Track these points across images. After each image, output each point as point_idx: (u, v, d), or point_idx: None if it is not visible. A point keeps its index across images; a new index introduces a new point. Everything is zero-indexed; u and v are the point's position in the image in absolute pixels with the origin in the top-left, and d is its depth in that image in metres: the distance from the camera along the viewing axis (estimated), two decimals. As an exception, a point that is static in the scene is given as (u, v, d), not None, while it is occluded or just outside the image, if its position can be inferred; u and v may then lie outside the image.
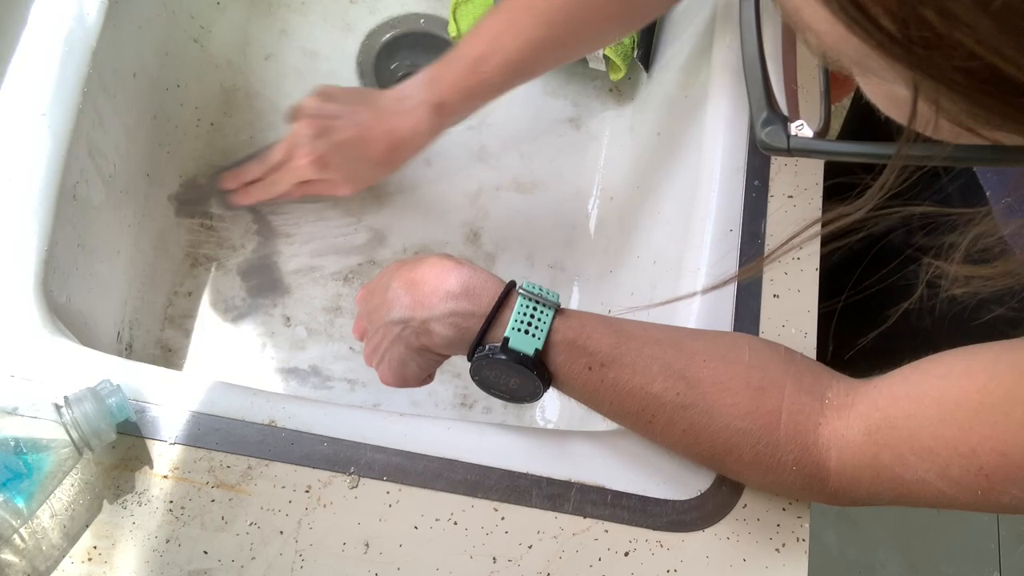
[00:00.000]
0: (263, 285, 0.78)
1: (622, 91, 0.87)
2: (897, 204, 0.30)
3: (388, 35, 0.87)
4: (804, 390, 0.46)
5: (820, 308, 0.57)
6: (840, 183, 0.32)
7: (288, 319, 0.77)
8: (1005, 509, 0.40)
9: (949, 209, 0.34)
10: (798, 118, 0.32)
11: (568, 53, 0.68)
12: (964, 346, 0.42)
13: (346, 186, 0.72)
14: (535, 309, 0.48)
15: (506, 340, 0.48)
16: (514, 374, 0.49)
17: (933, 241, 0.35)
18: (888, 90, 0.26)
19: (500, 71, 0.65)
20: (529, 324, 0.48)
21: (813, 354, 0.56)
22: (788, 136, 0.32)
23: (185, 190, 0.78)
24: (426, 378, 0.57)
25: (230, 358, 0.75)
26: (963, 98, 0.23)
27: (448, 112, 0.68)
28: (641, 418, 0.49)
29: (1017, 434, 0.37)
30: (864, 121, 0.82)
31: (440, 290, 0.50)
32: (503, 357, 0.47)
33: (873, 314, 0.48)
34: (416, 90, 0.68)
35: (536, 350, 0.48)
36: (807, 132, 0.32)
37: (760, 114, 0.32)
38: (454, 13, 0.84)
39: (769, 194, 0.61)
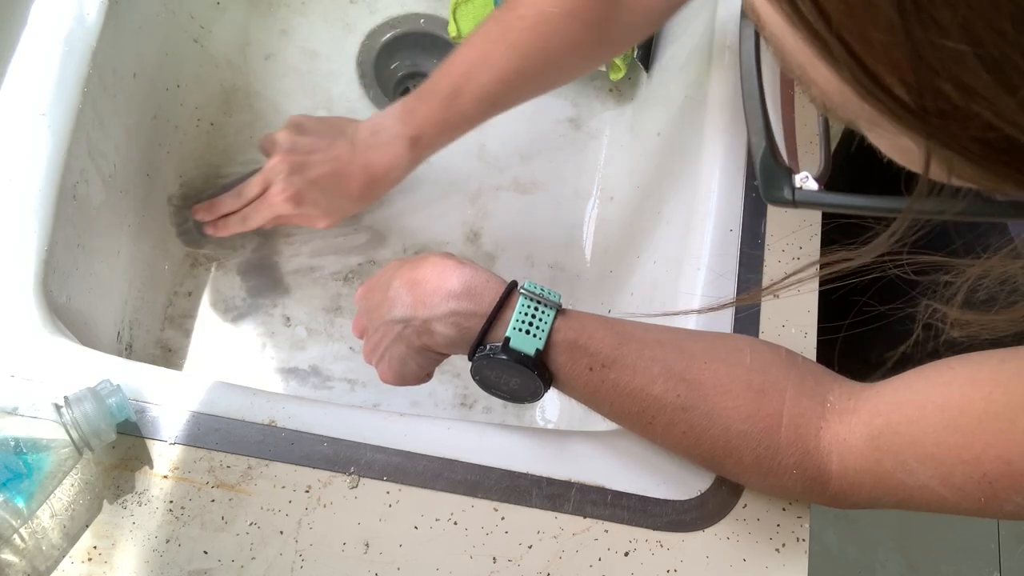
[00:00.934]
0: (263, 285, 0.78)
1: (622, 91, 0.87)
2: (900, 252, 0.29)
3: (388, 35, 0.87)
4: (805, 393, 0.46)
5: (820, 337, 0.57)
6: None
7: (288, 319, 0.77)
8: (1008, 516, 0.40)
9: (955, 260, 0.33)
10: (798, 168, 0.31)
11: (541, 85, 0.67)
12: (968, 353, 0.42)
13: (323, 220, 0.72)
14: (536, 309, 0.48)
15: (507, 340, 0.48)
16: (515, 374, 0.49)
17: (933, 280, 0.34)
18: (896, 142, 0.25)
19: (475, 103, 0.64)
20: (530, 324, 0.48)
21: (813, 354, 0.56)
22: (793, 189, 0.31)
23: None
24: (425, 376, 0.57)
25: (230, 358, 0.75)
26: (978, 165, 0.22)
27: (424, 145, 0.67)
28: (641, 419, 0.49)
29: (1022, 443, 0.37)
30: (861, 161, 0.81)
31: (442, 289, 0.50)
32: (504, 357, 0.47)
33: (871, 345, 0.48)
34: (392, 123, 0.67)
35: (537, 350, 0.47)
36: (812, 185, 0.31)
37: (763, 166, 0.31)
38: (454, 13, 0.84)
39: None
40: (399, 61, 0.88)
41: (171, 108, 0.77)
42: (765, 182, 0.31)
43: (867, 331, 0.51)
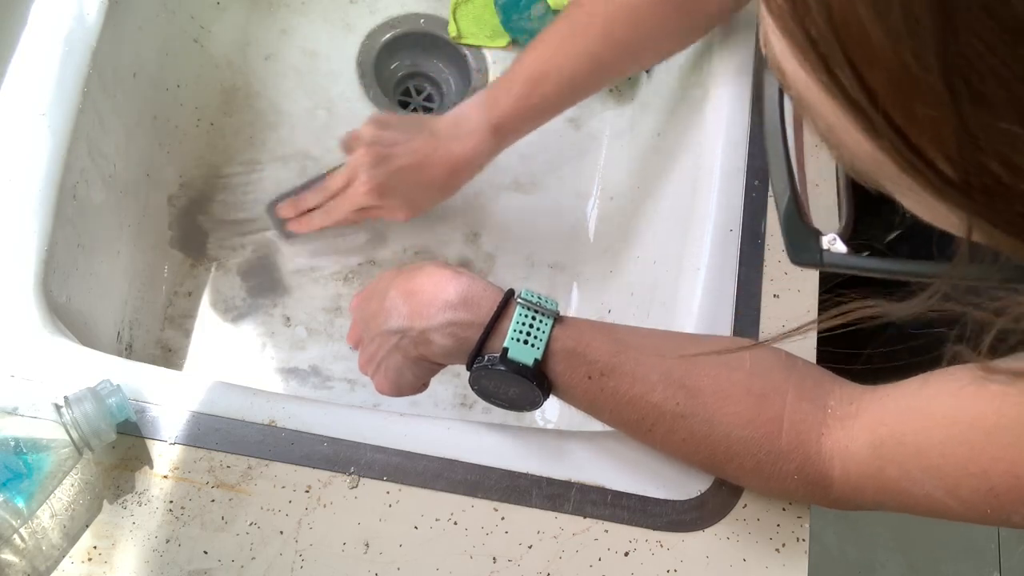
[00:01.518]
0: (263, 285, 0.78)
1: (622, 91, 0.87)
2: (938, 305, 0.28)
3: (388, 35, 0.87)
4: (806, 397, 0.46)
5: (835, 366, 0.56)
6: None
7: (288, 319, 0.77)
8: (1014, 525, 0.39)
9: (989, 317, 0.31)
10: (824, 231, 0.30)
11: (622, 70, 0.68)
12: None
13: (404, 211, 0.72)
14: (534, 318, 0.48)
15: (505, 350, 0.47)
16: (513, 384, 0.49)
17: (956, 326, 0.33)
18: (935, 208, 0.23)
19: (557, 90, 0.64)
20: (528, 334, 0.47)
21: (813, 355, 0.56)
22: (821, 252, 0.30)
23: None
24: (421, 386, 0.57)
25: (230, 358, 0.75)
26: (1020, 239, 0.21)
27: (506, 132, 0.68)
28: (641, 427, 0.49)
29: None
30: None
31: (438, 300, 0.49)
32: (502, 368, 0.47)
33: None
34: (474, 112, 0.68)
35: (535, 360, 0.47)
36: (840, 247, 0.30)
37: (789, 228, 0.30)
38: (454, 13, 0.84)
39: (769, 194, 0.61)
40: (399, 61, 0.88)
41: (171, 108, 0.77)
42: (792, 244, 0.30)
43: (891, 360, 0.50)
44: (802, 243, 0.30)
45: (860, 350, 0.54)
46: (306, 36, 0.87)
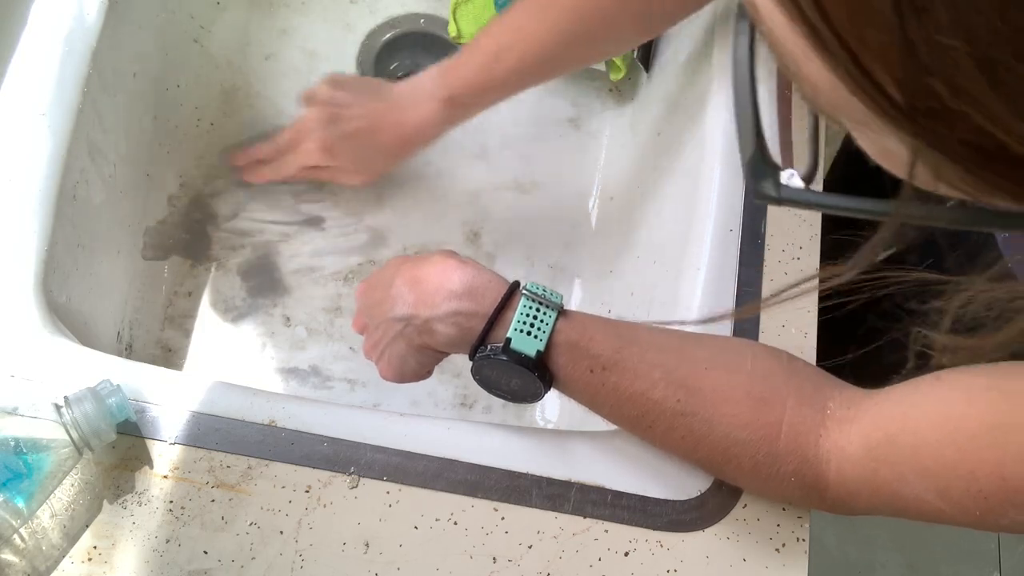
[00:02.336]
0: (263, 285, 0.78)
1: (622, 91, 0.87)
2: (890, 269, 0.29)
3: (388, 35, 0.87)
4: (805, 401, 0.46)
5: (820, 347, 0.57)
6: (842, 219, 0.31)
7: (288, 319, 0.77)
8: (1004, 529, 0.40)
9: (944, 276, 0.32)
10: (791, 165, 0.31)
11: (581, 58, 0.67)
12: (966, 366, 0.41)
13: (355, 176, 0.72)
14: (538, 310, 0.48)
15: (508, 341, 0.48)
16: (515, 375, 0.49)
17: (924, 306, 0.33)
18: (883, 144, 0.25)
19: (514, 69, 0.64)
20: (532, 325, 0.48)
21: (813, 355, 0.56)
22: (778, 186, 0.31)
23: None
24: (425, 374, 0.57)
25: (230, 358, 0.75)
26: (964, 169, 0.22)
27: (458, 106, 0.67)
28: (640, 423, 0.49)
29: (1016, 460, 0.37)
30: (854, 167, 0.81)
31: (443, 289, 0.50)
32: (504, 358, 0.47)
33: (872, 363, 0.47)
34: (428, 82, 0.68)
35: (538, 351, 0.47)
36: (798, 183, 0.31)
37: (750, 161, 0.31)
38: (454, 13, 0.84)
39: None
40: (399, 61, 0.88)
41: (171, 108, 0.77)
42: (751, 176, 0.31)
43: (868, 351, 0.51)
44: (761, 176, 0.31)
45: (844, 350, 0.54)
46: (306, 36, 0.87)
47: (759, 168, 0.31)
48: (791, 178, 0.31)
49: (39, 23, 0.61)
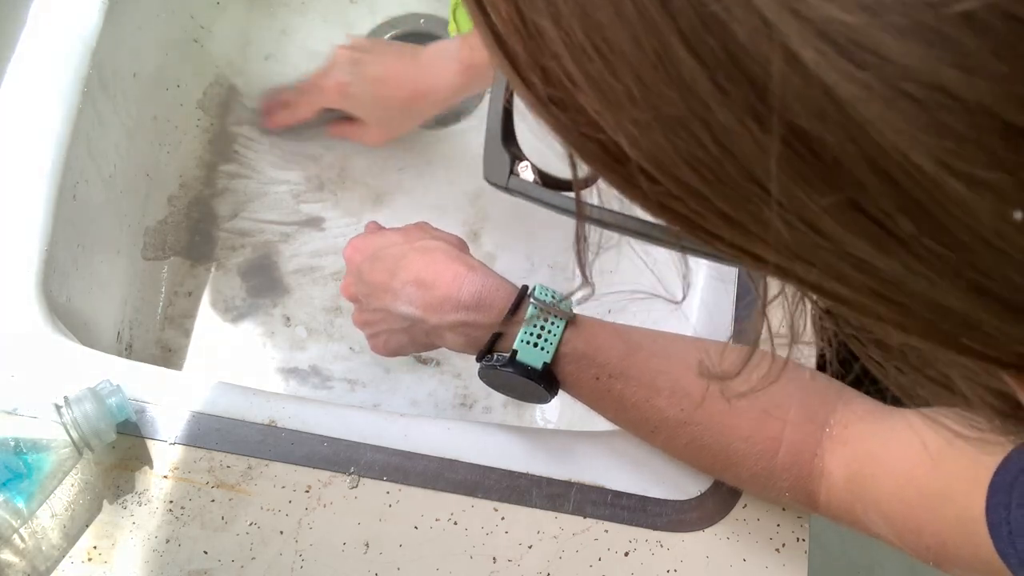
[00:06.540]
0: (263, 285, 0.78)
1: (622, 91, 0.87)
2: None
3: (388, 35, 0.87)
4: (808, 416, 0.46)
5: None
6: None
7: (288, 319, 0.77)
8: None
9: None
10: (525, 159, 0.30)
11: None
12: (941, 408, 0.40)
13: (373, 131, 0.73)
14: (546, 320, 0.48)
15: (514, 353, 0.48)
16: (521, 382, 0.49)
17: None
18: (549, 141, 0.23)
19: None
20: (539, 336, 0.48)
21: (813, 355, 0.56)
22: (508, 175, 0.31)
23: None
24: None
25: (230, 358, 0.75)
26: (601, 166, 0.20)
27: (475, 75, 0.68)
28: (644, 428, 0.49)
29: (953, 527, 0.38)
30: None
31: (452, 299, 0.49)
32: (510, 370, 0.48)
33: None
34: (454, 47, 0.69)
35: (544, 363, 0.47)
36: (528, 176, 0.30)
37: (490, 145, 0.30)
38: (454, 13, 0.84)
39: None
40: (399, 61, 0.88)
41: (171, 108, 0.77)
42: (487, 160, 0.31)
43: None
44: (496, 162, 0.30)
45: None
46: (306, 36, 0.86)
47: (497, 154, 0.31)
48: (524, 170, 0.30)
49: (39, 23, 0.61)
